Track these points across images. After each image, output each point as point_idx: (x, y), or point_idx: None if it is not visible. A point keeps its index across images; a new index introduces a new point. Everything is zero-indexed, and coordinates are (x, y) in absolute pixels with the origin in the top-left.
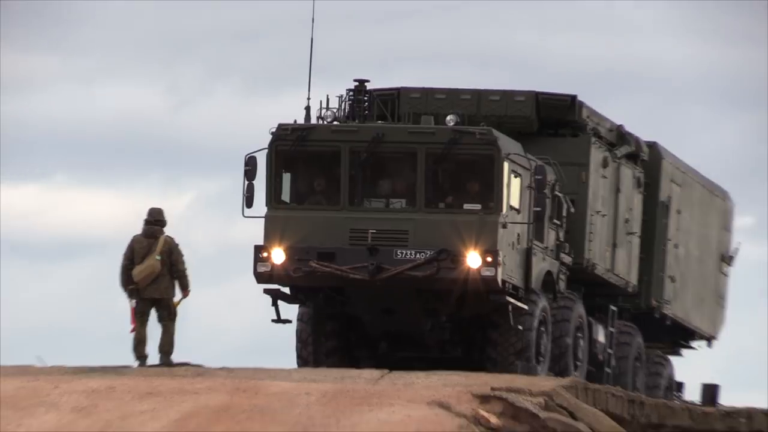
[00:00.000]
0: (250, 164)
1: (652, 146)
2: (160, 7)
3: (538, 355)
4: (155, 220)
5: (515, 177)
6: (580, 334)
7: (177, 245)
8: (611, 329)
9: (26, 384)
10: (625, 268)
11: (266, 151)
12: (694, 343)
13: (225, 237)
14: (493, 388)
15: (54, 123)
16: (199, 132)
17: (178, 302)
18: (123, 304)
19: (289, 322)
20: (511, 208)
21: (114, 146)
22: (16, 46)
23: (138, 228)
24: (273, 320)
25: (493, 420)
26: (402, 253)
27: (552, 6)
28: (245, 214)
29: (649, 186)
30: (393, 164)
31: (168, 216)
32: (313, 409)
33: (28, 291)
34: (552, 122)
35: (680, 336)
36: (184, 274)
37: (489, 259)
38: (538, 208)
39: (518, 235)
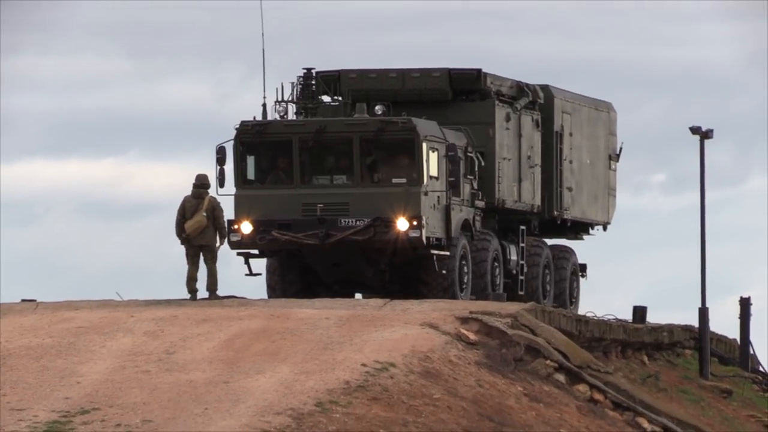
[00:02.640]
0: (221, 153)
1: (545, 89)
2: (209, 17)
3: (461, 284)
4: (201, 183)
5: (433, 152)
6: (496, 264)
7: (219, 204)
8: (522, 245)
9: (108, 314)
10: (529, 195)
11: (233, 142)
12: (593, 230)
13: None
14: (471, 312)
15: (130, 111)
16: (237, 118)
17: (218, 247)
18: (178, 250)
19: (260, 275)
20: (431, 177)
21: (174, 128)
22: (99, 52)
23: (189, 191)
24: (246, 274)
25: (472, 336)
26: (345, 221)
27: None
28: (218, 193)
29: (545, 121)
30: (334, 149)
31: (211, 180)
32: (332, 330)
33: (109, 242)
34: (463, 91)
35: (581, 228)
36: (223, 227)
37: (415, 223)
38: (452, 179)
39: (438, 197)
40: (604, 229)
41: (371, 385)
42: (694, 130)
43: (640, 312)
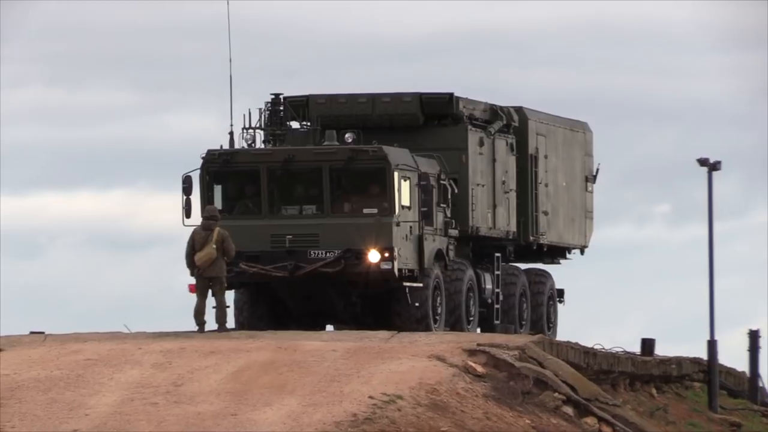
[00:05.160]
0: (187, 182)
1: (519, 110)
2: (217, 49)
3: (435, 315)
4: (211, 216)
5: (405, 180)
6: (471, 294)
7: (228, 236)
8: (497, 272)
9: (116, 346)
10: (504, 221)
11: (199, 171)
12: (570, 254)
13: None
14: (478, 344)
15: (138, 143)
16: None
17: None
18: (186, 282)
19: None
20: (403, 207)
21: (182, 160)
22: (107, 84)
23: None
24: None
25: (479, 368)
26: (315, 253)
27: None
28: (185, 224)
29: (520, 144)
30: (303, 178)
31: (177, 211)
32: (339, 362)
33: (117, 274)
34: (435, 116)
35: (558, 253)
36: (232, 259)
37: (386, 255)
38: (425, 209)
39: (410, 227)
40: (582, 252)
41: (378, 418)
42: (702, 162)
43: (648, 344)
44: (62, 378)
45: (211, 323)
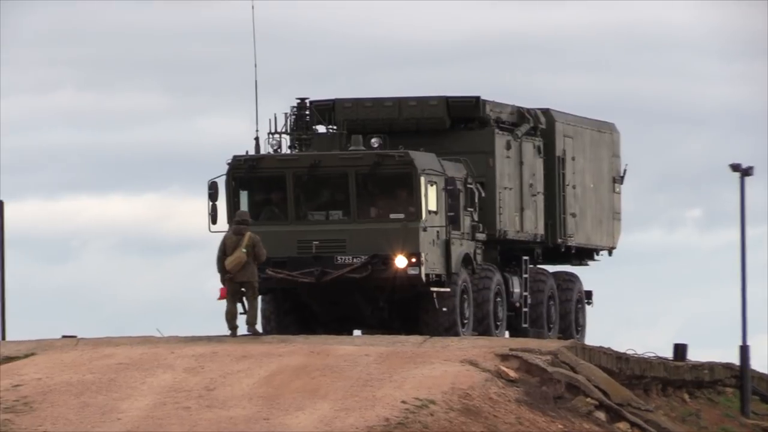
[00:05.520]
0: (213, 188)
1: (546, 112)
2: (249, 53)
3: (462, 320)
4: (242, 220)
5: (431, 185)
6: (499, 299)
7: (259, 240)
8: (525, 276)
9: (148, 350)
10: (532, 224)
11: (225, 177)
12: (598, 256)
13: None
14: (511, 349)
15: (171, 146)
16: None
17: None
18: (217, 286)
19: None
20: (430, 212)
21: (214, 164)
22: (139, 87)
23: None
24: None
25: (512, 373)
26: (341, 258)
27: None
28: (211, 230)
29: (547, 146)
30: (329, 184)
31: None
32: (372, 367)
33: (149, 277)
34: (462, 119)
35: (586, 254)
36: (263, 262)
37: (413, 260)
38: (452, 213)
39: (437, 232)
40: (610, 254)
41: (411, 422)
42: (735, 167)
43: (680, 349)
44: (94, 382)
45: (243, 328)
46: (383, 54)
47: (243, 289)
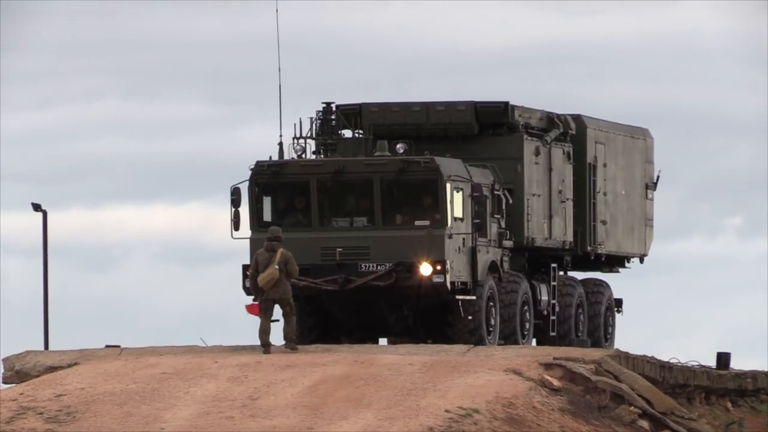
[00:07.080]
0: (236, 194)
1: (577, 118)
2: (291, 63)
3: (488, 328)
4: (274, 237)
5: (457, 192)
6: (526, 307)
7: (291, 257)
8: (553, 283)
9: (192, 360)
10: (561, 231)
11: (248, 183)
12: (629, 263)
13: None
14: (555, 358)
15: (214, 156)
16: None
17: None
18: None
19: (277, 321)
20: (456, 219)
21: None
22: (183, 96)
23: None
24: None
25: (556, 382)
26: (365, 266)
27: None
28: (234, 236)
29: (578, 152)
30: (354, 190)
31: (225, 222)
32: (416, 376)
33: (193, 287)
34: (490, 125)
35: (617, 261)
36: (296, 279)
37: (438, 267)
38: (478, 220)
39: (463, 239)
40: (641, 261)
41: (455, 431)
42: None
43: (723, 358)
44: (138, 392)
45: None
46: (422, 63)
47: (277, 306)
